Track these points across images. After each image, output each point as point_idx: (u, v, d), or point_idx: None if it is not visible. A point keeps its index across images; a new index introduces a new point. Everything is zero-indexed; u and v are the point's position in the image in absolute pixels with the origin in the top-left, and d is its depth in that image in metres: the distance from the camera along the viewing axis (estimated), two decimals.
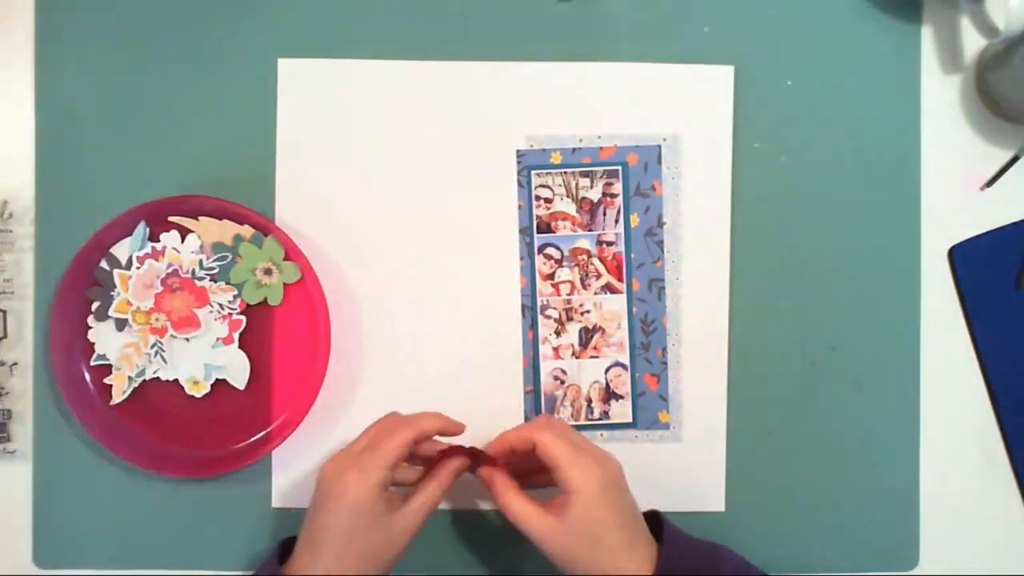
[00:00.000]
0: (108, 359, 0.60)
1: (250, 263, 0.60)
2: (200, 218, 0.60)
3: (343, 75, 0.62)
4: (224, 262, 0.60)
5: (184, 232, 0.60)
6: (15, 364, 0.62)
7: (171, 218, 0.60)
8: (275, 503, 0.62)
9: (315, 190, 0.62)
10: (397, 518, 0.53)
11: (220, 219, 0.60)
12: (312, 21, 0.62)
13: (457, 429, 0.58)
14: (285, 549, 0.55)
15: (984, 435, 0.63)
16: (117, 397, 0.60)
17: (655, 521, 0.55)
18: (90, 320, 0.60)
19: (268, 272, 0.59)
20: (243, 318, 0.60)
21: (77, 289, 0.59)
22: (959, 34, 0.63)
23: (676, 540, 0.54)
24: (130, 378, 0.60)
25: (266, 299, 0.60)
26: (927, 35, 0.63)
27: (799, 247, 0.63)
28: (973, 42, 0.63)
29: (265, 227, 0.59)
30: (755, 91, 0.63)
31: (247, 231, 0.60)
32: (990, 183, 0.63)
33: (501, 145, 0.62)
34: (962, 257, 0.62)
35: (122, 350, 0.60)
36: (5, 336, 0.62)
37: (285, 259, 0.60)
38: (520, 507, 0.53)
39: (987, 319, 0.62)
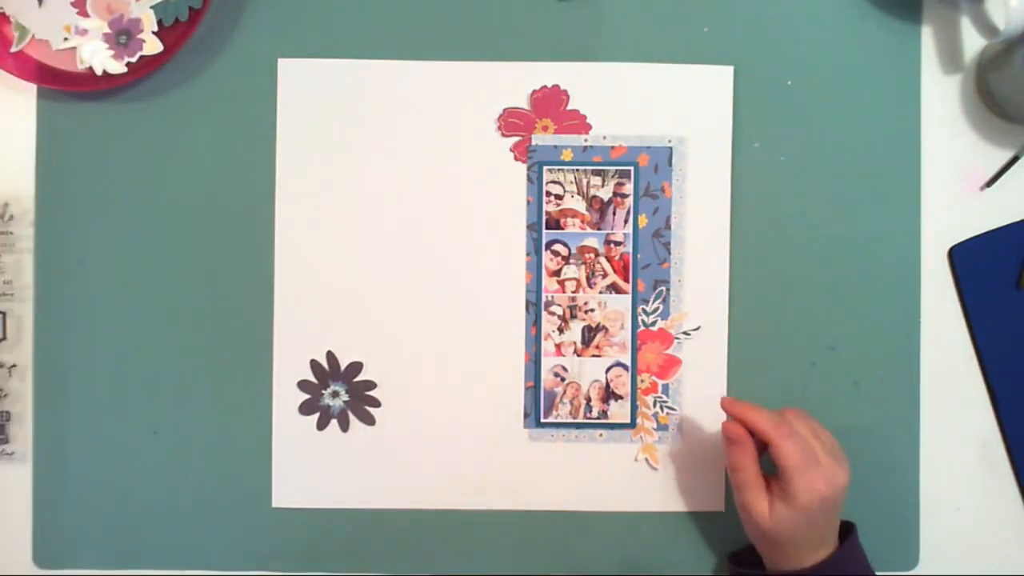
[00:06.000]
0: None
1: None
2: None
3: (343, 75, 0.62)
4: None
5: None
6: (14, 366, 0.62)
7: None
8: (275, 503, 0.62)
9: (315, 190, 0.62)
10: None
11: None
12: (312, 21, 0.62)
13: None
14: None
15: (984, 435, 0.63)
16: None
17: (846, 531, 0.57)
18: None
19: None
20: None
21: None
22: (959, 34, 0.63)
23: (854, 549, 0.57)
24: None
25: None
26: (927, 35, 0.63)
27: (799, 247, 0.63)
28: (973, 42, 0.63)
29: None
30: (755, 91, 0.62)
31: None
32: (990, 183, 0.63)
33: (503, 144, 0.62)
34: (962, 257, 0.62)
35: None
36: (4, 338, 0.62)
37: None
38: (754, 500, 0.56)
39: (987, 319, 0.62)
